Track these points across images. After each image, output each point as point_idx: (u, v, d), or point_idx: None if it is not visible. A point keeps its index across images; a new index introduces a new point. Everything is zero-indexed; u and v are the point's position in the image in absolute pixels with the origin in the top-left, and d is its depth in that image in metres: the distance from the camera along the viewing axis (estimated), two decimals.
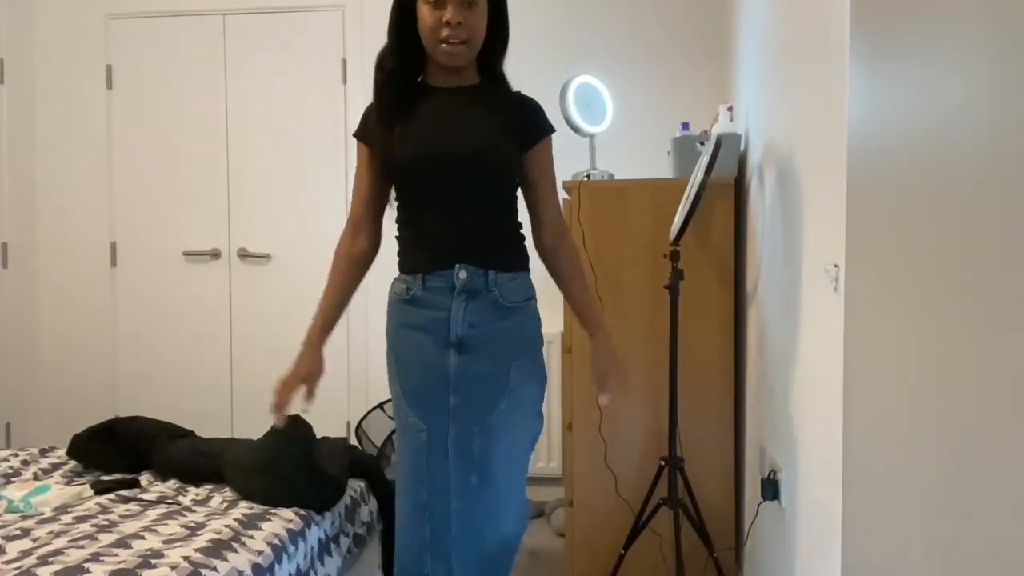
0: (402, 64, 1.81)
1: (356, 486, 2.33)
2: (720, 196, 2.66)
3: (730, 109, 2.73)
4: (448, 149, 1.75)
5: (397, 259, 1.87)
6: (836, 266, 1.49)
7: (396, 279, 1.85)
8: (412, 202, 1.81)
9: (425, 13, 1.74)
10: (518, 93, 1.88)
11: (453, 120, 1.79)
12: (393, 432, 3.37)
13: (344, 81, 3.77)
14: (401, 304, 1.80)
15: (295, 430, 2.23)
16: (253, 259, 3.87)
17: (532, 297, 1.85)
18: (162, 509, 2.01)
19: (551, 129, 1.87)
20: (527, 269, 1.86)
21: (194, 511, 2.00)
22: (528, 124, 1.83)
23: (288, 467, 2.09)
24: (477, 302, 1.76)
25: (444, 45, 1.74)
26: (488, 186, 1.79)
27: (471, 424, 1.73)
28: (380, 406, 3.57)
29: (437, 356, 1.74)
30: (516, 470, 1.81)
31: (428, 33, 1.75)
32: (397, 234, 1.87)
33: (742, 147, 2.75)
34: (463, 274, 1.74)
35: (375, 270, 1.91)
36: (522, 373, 1.79)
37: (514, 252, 1.84)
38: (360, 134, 1.86)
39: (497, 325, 1.77)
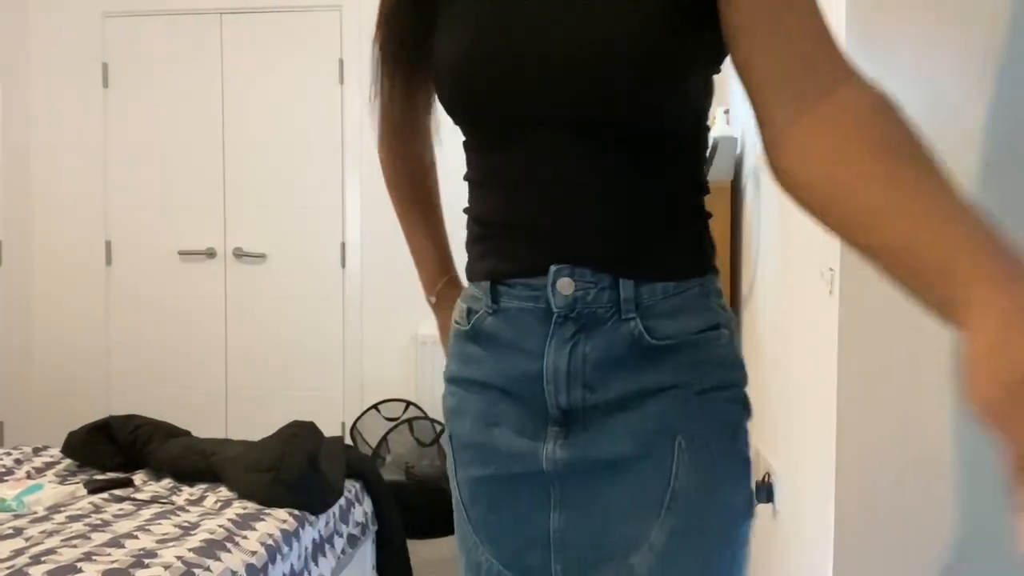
0: None
1: (351, 487, 2.32)
2: (716, 199, 2.66)
3: (727, 112, 2.73)
4: (535, 45, 0.83)
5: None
6: (831, 270, 1.50)
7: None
8: (475, 149, 0.93)
9: None
10: None
11: None
12: (388, 433, 3.37)
13: (341, 81, 3.77)
14: (459, 339, 0.96)
15: (307, 432, 2.23)
16: (248, 258, 3.86)
17: (718, 326, 0.89)
18: (156, 509, 2.00)
19: None
20: (708, 272, 0.90)
21: (188, 511, 2.00)
22: None
23: (294, 467, 2.09)
24: (598, 338, 0.86)
25: None
26: (626, 121, 0.84)
27: (589, 570, 0.88)
28: (375, 407, 3.57)
29: (524, 444, 0.89)
30: None
31: None
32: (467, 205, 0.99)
33: (738, 150, 2.75)
34: (565, 285, 0.85)
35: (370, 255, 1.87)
36: (699, 467, 0.85)
37: (679, 240, 0.89)
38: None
39: (640, 383, 0.86)
